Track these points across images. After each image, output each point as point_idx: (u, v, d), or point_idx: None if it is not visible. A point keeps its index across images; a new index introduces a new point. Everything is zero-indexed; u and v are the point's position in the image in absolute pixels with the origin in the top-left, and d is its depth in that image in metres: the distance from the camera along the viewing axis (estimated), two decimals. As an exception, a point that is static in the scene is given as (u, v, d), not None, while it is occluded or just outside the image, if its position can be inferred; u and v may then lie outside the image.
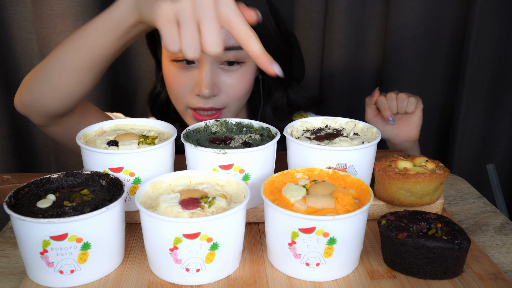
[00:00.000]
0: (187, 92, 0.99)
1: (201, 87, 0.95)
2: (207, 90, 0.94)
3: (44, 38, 1.38)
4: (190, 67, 0.97)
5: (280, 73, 0.65)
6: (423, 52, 1.49)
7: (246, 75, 1.00)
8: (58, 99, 0.85)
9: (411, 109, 1.06)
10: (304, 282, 0.62)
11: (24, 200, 0.64)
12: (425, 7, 1.45)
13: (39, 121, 0.92)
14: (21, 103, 0.90)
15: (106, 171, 0.71)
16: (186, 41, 0.63)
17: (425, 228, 0.65)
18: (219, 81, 0.97)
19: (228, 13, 0.63)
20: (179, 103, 1.02)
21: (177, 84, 0.98)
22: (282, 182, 0.70)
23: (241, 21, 0.64)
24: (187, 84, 0.98)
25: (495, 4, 1.37)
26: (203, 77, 0.94)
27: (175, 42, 0.64)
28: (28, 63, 1.43)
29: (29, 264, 0.61)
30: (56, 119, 0.91)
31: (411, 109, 1.06)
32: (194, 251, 0.59)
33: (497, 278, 0.63)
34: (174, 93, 1.01)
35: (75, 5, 1.34)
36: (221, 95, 0.98)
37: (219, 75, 0.97)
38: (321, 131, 0.82)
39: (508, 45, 1.42)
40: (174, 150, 0.78)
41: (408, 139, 1.10)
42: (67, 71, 0.82)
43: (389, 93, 1.07)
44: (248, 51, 0.65)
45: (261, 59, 0.65)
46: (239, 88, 0.99)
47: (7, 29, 1.38)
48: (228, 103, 1.00)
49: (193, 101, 0.98)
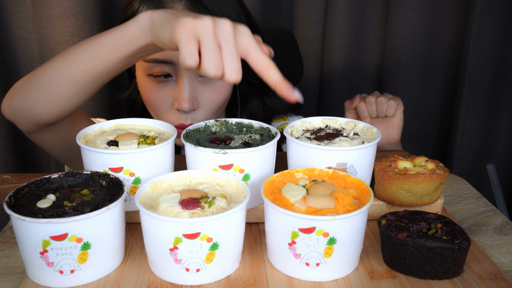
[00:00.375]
0: (167, 108, 0.97)
1: (180, 101, 0.94)
2: (187, 104, 0.93)
3: (44, 38, 1.38)
4: (168, 81, 0.96)
5: (301, 99, 0.67)
6: (423, 52, 1.49)
7: (224, 86, 0.99)
8: (51, 109, 0.83)
9: (391, 113, 1.05)
10: (304, 282, 0.62)
11: (24, 200, 0.64)
12: (425, 7, 1.45)
13: (27, 128, 0.89)
14: (10, 108, 0.87)
15: (106, 171, 0.71)
16: (209, 58, 0.63)
17: (425, 228, 0.65)
18: (197, 95, 0.96)
19: (247, 43, 0.65)
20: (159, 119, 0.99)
21: (156, 100, 0.97)
22: (282, 182, 0.70)
23: (259, 51, 0.65)
24: (166, 99, 0.96)
25: (495, 4, 1.37)
26: (182, 91, 0.93)
27: (193, 57, 0.64)
28: (28, 63, 1.43)
29: (29, 264, 0.61)
30: (45, 127, 0.89)
31: (391, 112, 1.05)
32: (194, 251, 0.59)
33: (497, 278, 0.63)
34: (153, 109, 0.99)
35: (75, 5, 1.34)
36: (199, 109, 0.98)
37: (197, 89, 0.96)
38: (321, 131, 0.83)
39: (508, 45, 1.42)
40: (174, 150, 0.78)
41: (389, 142, 1.10)
42: (65, 82, 0.80)
43: (368, 97, 1.06)
44: (268, 80, 0.66)
45: (281, 87, 0.65)
46: (217, 101, 0.98)
47: (7, 29, 1.38)
48: (206, 117, 0.99)
49: (173, 118, 0.97)
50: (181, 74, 0.93)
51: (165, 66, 0.93)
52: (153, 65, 0.93)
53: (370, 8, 1.51)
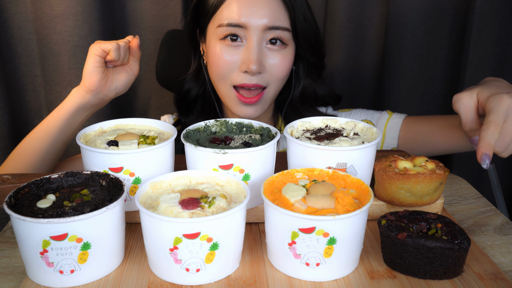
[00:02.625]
0: (233, 70, 1.02)
1: (249, 63, 0.99)
2: (255, 66, 0.99)
3: (44, 38, 1.38)
4: (237, 46, 1.01)
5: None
6: (423, 52, 1.49)
7: (287, 57, 1.04)
8: None
9: None
10: (304, 282, 0.62)
11: (24, 200, 0.64)
12: (425, 7, 1.45)
13: None
14: None
15: (106, 171, 0.71)
16: None
17: (425, 228, 0.65)
18: (264, 60, 1.02)
19: None
20: (223, 82, 1.05)
21: (224, 62, 1.02)
22: (282, 182, 0.70)
23: None
24: (234, 62, 1.02)
25: (495, 4, 1.36)
26: (251, 54, 0.99)
27: None
28: (28, 63, 1.43)
29: (29, 264, 0.61)
30: None
31: None
32: (194, 251, 0.59)
33: (497, 278, 0.63)
34: (219, 71, 1.04)
35: (75, 5, 1.34)
36: (265, 73, 1.03)
37: (264, 54, 1.02)
38: (321, 131, 0.83)
39: (508, 45, 1.42)
40: (174, 150, 0.78)
41: None
42: None
43: None
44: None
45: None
46: (281, 68, 1.04)
47: (7, 29, 1.38)
48: (270, 82, 1.04)
49: (238, 78, 1.02)
50: (250, 39, 0.99)
51: (237, 29, 0.99)
52: (227, 28, 1.00)
53: (370, 8, 1.51)
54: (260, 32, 0.99)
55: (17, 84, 1.43)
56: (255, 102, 1.03)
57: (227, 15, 0.99)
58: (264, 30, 0.99)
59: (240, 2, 0.98)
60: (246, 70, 1.00)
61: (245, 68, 1.00)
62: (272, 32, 1.00)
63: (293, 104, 1.16)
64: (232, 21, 0.99)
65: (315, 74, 1.16)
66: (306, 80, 1.15)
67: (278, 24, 1.00)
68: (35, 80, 1.45)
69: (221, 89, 1.06)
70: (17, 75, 1.42)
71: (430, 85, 1.54)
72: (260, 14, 0.98)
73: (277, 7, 0.99)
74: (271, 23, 0.99)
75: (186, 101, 1.18)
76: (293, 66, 1.13)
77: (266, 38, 1.01)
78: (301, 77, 1.15)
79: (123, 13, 1.48)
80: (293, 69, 1.13)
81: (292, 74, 1.13)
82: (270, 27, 0.99)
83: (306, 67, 1.14)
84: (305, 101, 1.16)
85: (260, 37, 0.99)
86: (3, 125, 1.36)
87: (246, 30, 0.99)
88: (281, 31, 1.01)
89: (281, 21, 1.00)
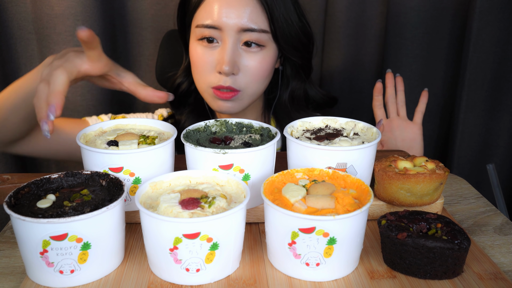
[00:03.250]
0: (210, 70, 1.04)
1: (222, 64, 1.00)
2: (228, 67, 0.99)
3: (44, 38, 1.38)
4: (214, 46, 1.02)
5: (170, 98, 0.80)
6: (423, 52, 1.49)
7: (265, 59, 1.04)
8: None
9: None
10: (304, 282, 0.62)
11: (24, 200, 0.64)
12: (425, 7, 1.45)
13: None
14: None
15: (106, 171, 0.71)
16: None
17: (425, 228, 0.65)
18: (239, 61, 1.02)
19: None
20: (201, 81, 1.06)
21: (202, 62, 1.04)
22: (282, 182, 0.70)
23: None
24: (210, 62, 1.03)
25: (495, 4, 1.36)
26: (225, 55, 1.00)
27: None
28: (28, 63, 1.43)
29: (29, 264, 0.61)
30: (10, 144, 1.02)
31: None
32: (194, 251, 0.59)
33: (497, 278, 0.63)
34: (198, 71, 1.06)
35: (75, 5, 1.34)
36: (240, 75, 1.03)
37: (240, 56, 1.02)
38: (321, 131, 0.82)
39: (508, 45, 1.42)
40: (174, 150, 0.78)
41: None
42: None
43: None
44: None
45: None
46: (257, 71, 1.04)
47: (7, 29, 1.38)
48: (245, 85, 1.04)
49: (214, 80, 1.03)
50: (226, 40, 1.00)
51: (212, 31, 1.01)
52: (203, 29, 1.01)
53: (370, 8, 1.50)
54: (234, 34, 0.99)
55: (17, 84, 1.43)
56: (229, 98, 1.04)
57: (205, 16, 1.00)
58: (239, 31, 0.99)
59: (217, 3, 0.99)
60: (219, 71, 1.01)
61: (219, 69, 1.01)
62: (247, 34, 1.00)
63: (282, 105, 1.16)
64: (208, 23, 1.00)
65: (303, 75, 1.16)
66: (294, 81, 1.15)
67: (253, 26, 1.00)
68: (35, 80, 1.44)
69: (200, 87, 1.08)
70: (17, 75, 1.42)
71: (430, 85, 1.54)
72: (235, 15, 0.98)
73: (253, 9, 0.99)
74: (245, 25, 0.99)
75: (177, 95, 1.19)
76: (280, 67, 1.14)
77: (242, 39, 1.01)
78: (289, 77, 1.15)
79: (123, 13, 1.48)
80: (280, 69, 1.14)
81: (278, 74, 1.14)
82: (245, 29, 0.99)
83: (294, 68, 1.14)
84: (295, 102, 1.17)
85: (235, 39, 1.00)
86: (3, 125, 1.36)
87: (221, 32, 1.00)
88: (257, 33, 1.00)
89: (257, 23, 1.00)
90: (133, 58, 1.54)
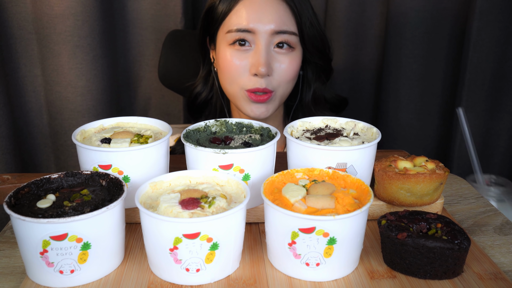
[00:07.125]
0: (243, 73, 1.05)
1: (258, 66, 1.02)
2: (264, 69, 1.01)
3: (44, 38, 1.38)
4: (246, 50, 1.04)
5: None
6: (423, 52, 1.49)
7: (295, 60, 1.07)
8: None
9: None
10: (304, 282, 0.62)
11: (24, 200, 0.64)
12: (425, 7, 1.45)
13: None
14: None
15: (96, 168, 0.71)
16: None
17: (425, 228, 0.65)
18: (272, 63, 1.05)
19: None
20: (234, 85, 1.07)
21: (234, 66, 1.05)
22: (282, 182, 0.70)
23: None
24: (243, 65, 1.05)
25: (495, 4, 1.36)
26: (260, 57, 1.02)
27: None
28: (28, 63, 1.43)
29: (29, 264, 0.61)
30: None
31: None
32: (194, 251, 0.59)
33: (497, 278, 0.63)
34: (230, 75, 1.07)
35: (75, 5, 1.34)
36: (273, 76, 1.05)
37: (273, 58, 1.05)
38: (321, 131, 0.82)
39: (508, 45, 1.42)
40: (169, 149, 0.78)
41: None
42: None
43: None
44: None
45: None
46: (289, 70, 1.06)
47: (7, 29, 1.38)
48: (278, 85, 1.07)
49: (248, 82, 1.05)
50: (258, 43, 1.03)
51: (246, 34, 1.03)
52: (236, 34, 1.03)
53: (370, 8, 1.51)
54: (267, 36, 1.02)
55: (17, 84, 1.44)
56: (265, 100, 1.05)
57: (236, 21, 1.02)
58: (272, 34, 1.02)
59: (248, 8, 1.02)
60: (255, 73, 1.03)
61: (254, 71, 1.02)
62: (279, 36, 1.03)
63: (305, 109, 1.18)
64: (240, 27, 1.02)
65: (324, 78, 1.19)
66: (316, 84, 1.18)
67: (285, 28, 1.03)
68: (35, 80, 1.45)
69: (232, 92, 1.08)
70: (17, 75, 1.42)
71: (430, 85, 1.54)
72: (267, 19, 1.01)
73: (284, 13, 1.03)
74: (278, 27, 1.02)
75: (195, 105, 1.21)
76: (301, 71, 1.16)
77: (274, 42, 1.04)
78: (310, 81, 1.17)
79: (123, 13, 1.48)
80: (301, 74, 1.16)
81: (299, 79, 1.16)
82: (277, 32, 1.02)
83: (315, 71, 1.16)
84: (318, 104, 1.19)
85: (268, 41, 1.03)
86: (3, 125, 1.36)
87: (254, 35, 1.02)
88: (288, 35, 1.04)
89: (288, 26, 1.03)
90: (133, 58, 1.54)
